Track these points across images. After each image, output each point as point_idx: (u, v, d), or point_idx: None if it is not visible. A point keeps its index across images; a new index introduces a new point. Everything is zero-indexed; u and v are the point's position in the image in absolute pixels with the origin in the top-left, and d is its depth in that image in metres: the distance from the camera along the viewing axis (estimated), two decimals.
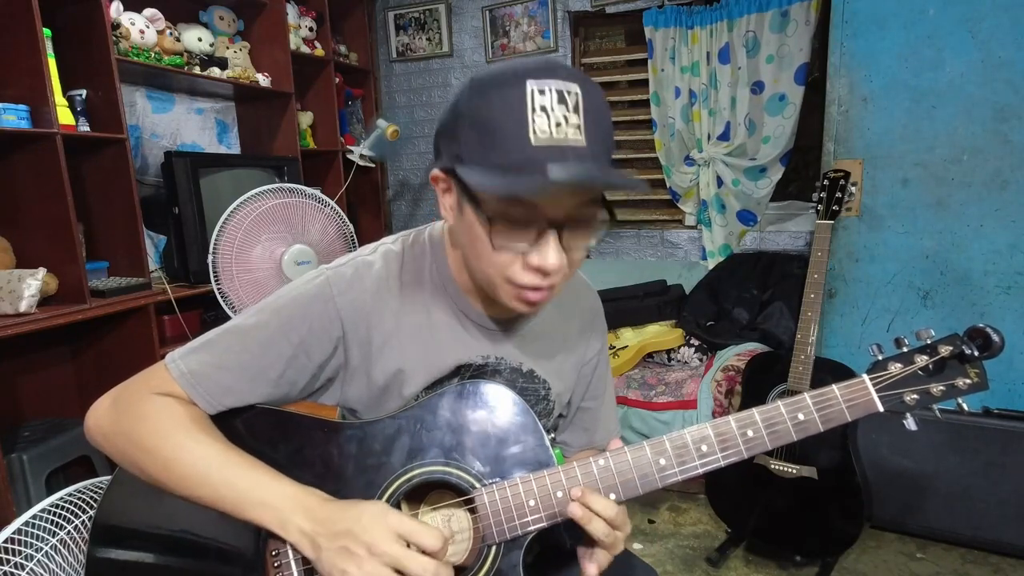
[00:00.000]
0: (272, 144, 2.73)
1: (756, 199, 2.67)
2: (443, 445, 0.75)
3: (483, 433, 0.75)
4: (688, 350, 2.57)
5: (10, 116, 1.65)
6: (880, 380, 0.71)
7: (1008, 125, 1.76)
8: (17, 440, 1.78)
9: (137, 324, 1.99)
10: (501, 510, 0.72)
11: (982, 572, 1.81)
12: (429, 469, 0.74)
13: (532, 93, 0.62)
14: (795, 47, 2.48)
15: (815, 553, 1.82)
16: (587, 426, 0.98)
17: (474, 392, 0.76)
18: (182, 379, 0.72)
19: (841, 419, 0.71)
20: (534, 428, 0.75)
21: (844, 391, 0.71)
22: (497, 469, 0.74)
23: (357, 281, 0.78)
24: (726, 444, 0.71)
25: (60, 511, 0.96)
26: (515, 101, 0.62)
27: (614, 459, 0.72)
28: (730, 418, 0.72)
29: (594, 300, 0.97)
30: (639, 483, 0.71)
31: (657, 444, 0.72)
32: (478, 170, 0.64)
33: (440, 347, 0.81)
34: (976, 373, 0.71)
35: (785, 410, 0.71)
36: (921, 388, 0.71)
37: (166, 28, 2.18)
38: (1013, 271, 1.81)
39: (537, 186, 0.61)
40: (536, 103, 0.62)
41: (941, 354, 0.71)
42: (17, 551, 0.91)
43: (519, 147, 0.61)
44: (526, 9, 3.04)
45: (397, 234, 0.86)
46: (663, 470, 0.71)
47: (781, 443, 0.71)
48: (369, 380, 0.80)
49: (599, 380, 0.97)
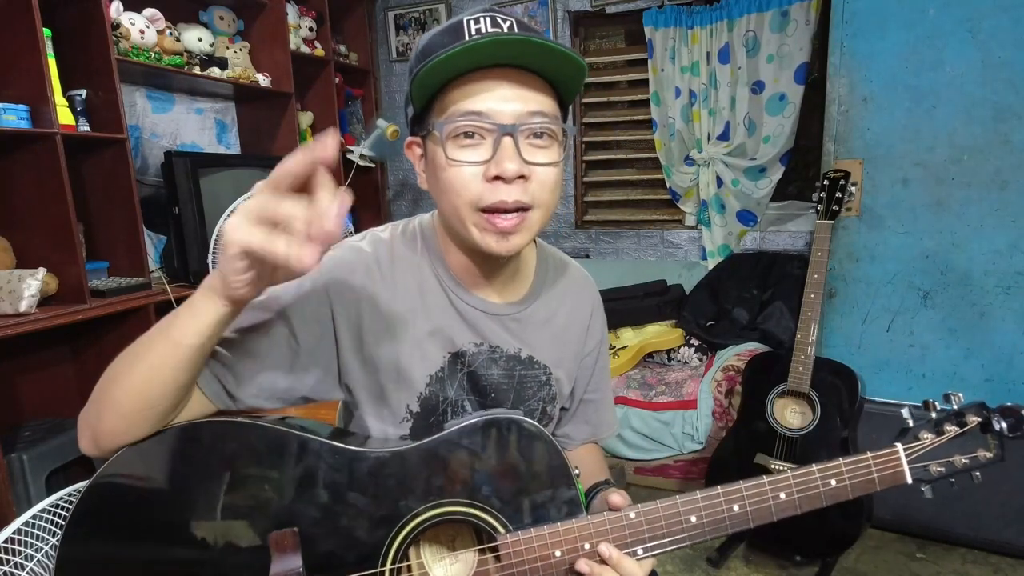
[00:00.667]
0: (272, 144, 2.73)
1: (756, 199, 2.67)
2: (466, 483, 0.71)
3: (511, 474, 0.71)
4: (688, 350, 2.57)
5: (10, 116, 1.65)
6: (912, 451, 0.72)
7: (1008, 125, 1.76)
8: (17, 440, 1.78)
9: (137, 324, 1.99)
10: (526, 560, 0.69)
11: (982, 572, 1.81)
12: (449, 508, 0.71)
13: (467, 22, 0.68)
14: (795, 47, 2.48)
15: (815, 553, 1.82)
16: (589, 419, 0.98)
17: (507, 428, 0.72)
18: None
19: (870, 488, 0.71)
20: (565, 472, 0.72)
21: (877, 460, 0.71)
22: (524, 512, 0.71)
23: (344, 263, 0.77)
24: (758, 505, 0.70)
25: (60, 511, 0.96)
26: (452, 29, 0.68)
27: (646, 515, 0.70)
28: (764, 479, 0.71)
29: (593, 292, 0.96)
30: (668, 540, 0.70)
31: (690, 500, 0.70)
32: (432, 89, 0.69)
33: (434, 333, 0.80)
34: (996, 446, 0.71)
35: (819, 475, 0.71)
36: (946, 460, 0.72)
37: (166, 28, 2.18)
38: (1013, 271, 1.81)
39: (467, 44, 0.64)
40: (471, 28, 0.67)
41: (968, 424, 0.72)
42: (17, 551, 0.91)
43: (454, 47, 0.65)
44: (526, 9, 3.04)
45: (386, 224, 0.86)
46: (693, 528, 0.70)
47: (812, 508, 0.71)
48: (365, 364, 0.78)
49: (600, 372, 0.97)
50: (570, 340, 0.91)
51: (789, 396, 1.77)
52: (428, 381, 0.81)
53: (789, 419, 1.77)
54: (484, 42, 0.64)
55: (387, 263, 0.79)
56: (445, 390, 0.82)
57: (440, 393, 0.81)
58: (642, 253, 3.07)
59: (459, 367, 0.82)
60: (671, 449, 2.27)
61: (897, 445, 0.71)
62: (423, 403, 0.81)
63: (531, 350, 0.86)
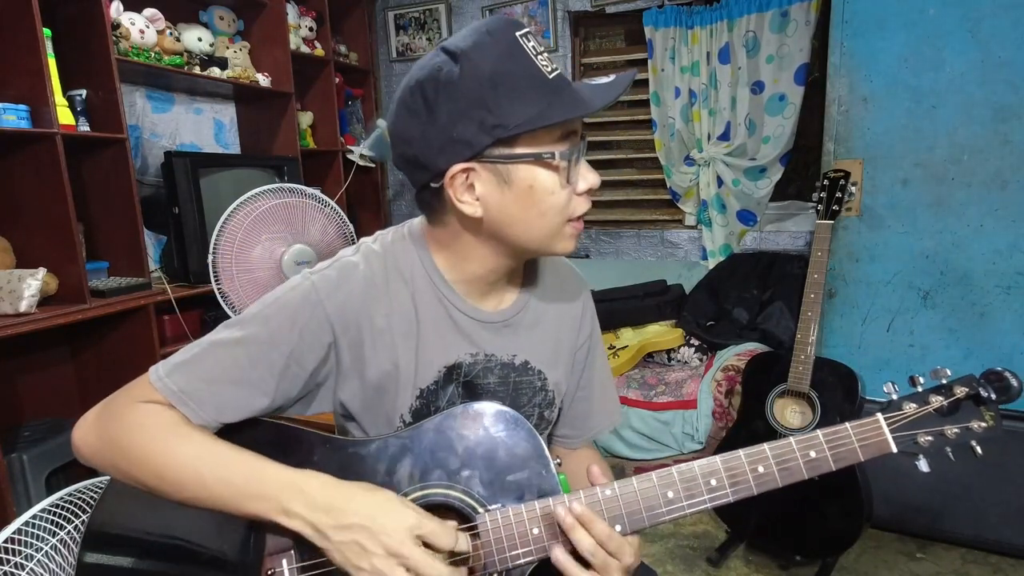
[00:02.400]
0: (272, 144, 2.73)
1: (756, 199, 2.67)
2: (447, 467, 0.74)
3: (489, 457, 0.74)
4: (688, 350, 2.57)
5: (10, 116, 1.65)
6: (894, 420, 0.70)
7: (1008, 125, 1.76)
8: (17, 440, 1.78)
9: (137, 324, 1.99)
10: (504, 537, 0.71)
11: (982, 572, 1.81)
12: (432, 491, 0.73)
13: (524, 41, 0.69)
14: (795, 47, 2.48)
15: (815, 553, 1.82)
16: (583, 415, 0.97)
17: (482, 414, 0.75)
18: (173, 398, 0.70)
19: (853, 458, 0.69)
20: (541, 455, 0.74)
21: (857, 429, 0.70)
22: (502, 494, 0.73)
23: (344, 283, 0.76)
24: (736, 479, 0.70)
25: (60, 511, 0.96)
26: (519, 51, 0.68)
27: (621, 489, 0.71)
28: (741, 452, 0.71)
29: (582, 285, 0.96)
30: (645, 515, 0.70)
31: (665, 476, 0.71)
32: (524, 114, 0.68)
33: (429, 346, 0.80)
34: (991, 416, 0.69)
35: (797, 446, 0.70)
36: (935, 430, 0.70)
37: (166, 28, 2.18)
38: (1013, 271, 1.81)
39: (603, 100, 0.70)
40: (530, 47, 0.69)
41: (956, 395, 0.70)
42: (17, 551, 0.91)
43: (544, 83, 0.69)
44: (526, 9, 3.04)
45: (375, 234, 0.85)
46: (671, 503, 0.70)
47: (792, 480, 0.70)
48: (363, 381, 0.79)
49: (591, 367, 0.96)
50: (563, 337, 0.91)
51: (789, 396, 1.77)
52: (420, 393, 0.81)
53: (789, 419, 1.77)
54: (599, 99, 0.71)
55: (381, 277, 0.79)
56: (438, 400, 0.82)
57: (433, 404, 0.82)
58: (642, 253, 3.07)
59: (454, 377, 0.82)
60: (671, 449, 2.27)
61: (878, 415, 0.70)
62: (415, 414, 0.81)
63: (526, 355, 0.86)
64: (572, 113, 0.69)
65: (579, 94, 0.70)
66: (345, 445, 0.75)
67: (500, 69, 0.67)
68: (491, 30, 0.69)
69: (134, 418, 0.69)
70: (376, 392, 0.79)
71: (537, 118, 0.67)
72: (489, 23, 0.70)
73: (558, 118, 0.68)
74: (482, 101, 0.67)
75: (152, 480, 0.68)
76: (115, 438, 0.69)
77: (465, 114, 0.68)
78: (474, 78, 0.67)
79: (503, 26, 0.69)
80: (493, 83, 0.67)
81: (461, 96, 0.68)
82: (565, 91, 0.69)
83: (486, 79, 0.67)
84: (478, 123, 0.68)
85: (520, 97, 0.67)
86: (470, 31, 0.70)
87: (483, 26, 0.70)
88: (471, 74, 0.67)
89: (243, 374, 0.72)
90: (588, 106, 0.70)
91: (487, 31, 0.69)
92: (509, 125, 0.67)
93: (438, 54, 0.71)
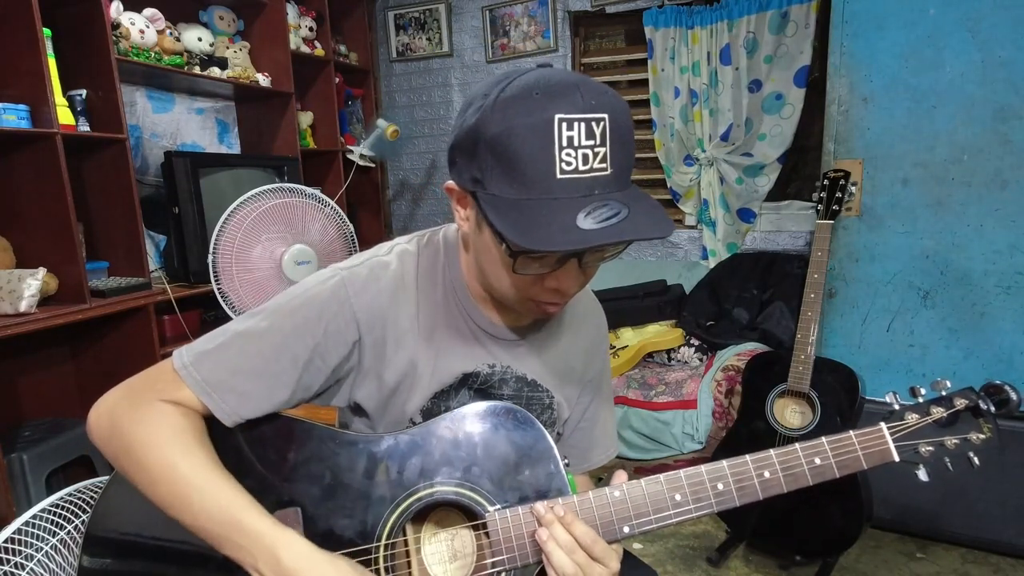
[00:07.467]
0: (272, 144, 2.73)
1: (755, 197, 2.68)
2: (457, 465, 0.74)
3: (499, 456, 0.74)
4: (688, 350, 2.57)
5: (10, 116, 1.65)
6: (897, 429, 0.71)
7: (1008, 125, 1.76)
8: (17, 440, 1.77)
9: (137, 324, 1.99)
10: (513, 536, 0.71)
11: (982, 572, 1.81)
12: (442, 489, 0.73)
13: (560, 127, 0.59)
14: (795, 49, 2.48)
15: (815, 553, 1.82)
16: (583, 447, 0.96)
17: (492, 412, 0.75)
18: (197, 387, 0.69)
19: (857, 466, 0.71)
20: (551, 454, 0.74)
21: (861, 438, 0.71)
22: (510, 492, 0.73)
23: (373, 282, 0.76)
24: (742, 484, 0.71)
25: (60, 511, 0.96)
26: (541, 135, 0.59)
27: (629, 491, 0.71)
28: (747, 457, 0.71)
29: (600, 318, 0.96)
30: (653, 517, 0.70)
31: (673, 479, 0.71)
32: (501, 205, 0.62)
33: (448, 352, 0.80)
34: (989, 428, 0.70)
35: (803, 453, 0.71)
36: (936, 440, 0.71)
37: (166, 28, 2.18)
38: (1013, 271, 1.81)
39: (569, 246, 0.59)
40: (563, 138, 0.59)
41: (956, 407, 0.71)
42: (17, 551, 0.91)
43: (544, 183, 0.60)
44: (526, 9, 3.04)
45: (412, 234, 0.85)
46: (678, 505, 0.70)
47: (797, 486, 0.71)
48: (380, 382, 0.79)
49: (597, 400, 0.96)
50: (574, 366, 0.91)
51: (789, 396, 1.77)
52: (433, 395, 0.81)
53: (789, 419, 1.77)
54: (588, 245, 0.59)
55: (411, 279, 0.79)
56: (449, 402, 0.82)
57: (444, 405, 0.82)
58: (642, 253, 3.07)
59: (469, 384, 0.83)
60: (671, 449, 2.27)
61: (881, 424, 0.72)
62: (425, 414, 0.81)
63: (537, 374, 0.86)
64: (537, 245, 0.59)
65: (568, 217, 0.59)
66: (355, 441, 0.75)
67: (507, 141, 0.60)
68: (544, 90, 0.60)
69: (148, 417, 0.68)
70: (392, 392, 0.79)
71: (501, 223, 0.61)
72: (552, 79, 0.62)
73: (521, 242, 0.59)
74: (475, 153, 0.64)
75: (145, 486, 0.67)
76: (124, 432, 0.68)
77: (466, 150, 0.66)
78: (481, 130, 0.62)
79: (554, 95, 0.60)
80: (491, 146, 0.61)
81: (467, 134, 0.65)
82: (557, 207, 0.60)
83: (488, 137, 0.61)
84: (468, 166, 0.66)
85: (508, 178, 0.61)
86: (530, 79, 0.62)
87: (541, 80, 0.62)
88: (481, 125, 0.62)
89: (267, 366, 0.71)
90: (566, 242, 0.59)
91: (538, 90, 0.61)
92: (488, 190, 0.63)
93: (500, 81, 0.64)
